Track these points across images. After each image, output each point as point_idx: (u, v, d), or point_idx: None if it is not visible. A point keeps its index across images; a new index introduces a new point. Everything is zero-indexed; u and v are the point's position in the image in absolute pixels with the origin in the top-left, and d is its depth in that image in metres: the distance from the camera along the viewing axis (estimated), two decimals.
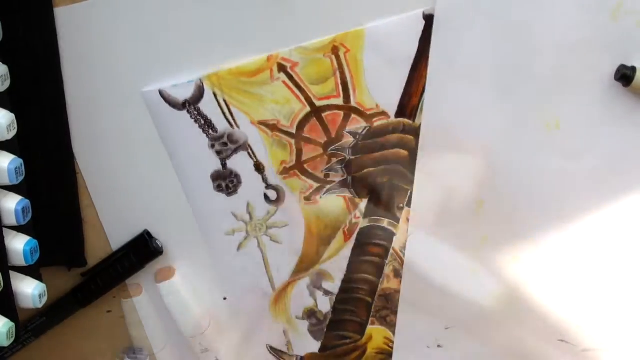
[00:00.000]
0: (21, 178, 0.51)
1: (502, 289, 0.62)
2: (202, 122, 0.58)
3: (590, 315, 0.62)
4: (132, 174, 0.60)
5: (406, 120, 0.57)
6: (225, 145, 0.59)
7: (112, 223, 0.62)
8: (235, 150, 0.59)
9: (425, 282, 0.62)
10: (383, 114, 0.57)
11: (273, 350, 0.66)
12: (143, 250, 0.61)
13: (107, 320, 0.66)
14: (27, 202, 0.52)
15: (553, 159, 0.57)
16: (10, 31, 0.52)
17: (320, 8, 0.54)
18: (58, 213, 0.60)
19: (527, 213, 0.59)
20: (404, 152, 0.58)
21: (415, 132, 0.57)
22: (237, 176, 0.60)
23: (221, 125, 0.58)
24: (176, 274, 0.63)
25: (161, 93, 0.57)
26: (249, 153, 0.59)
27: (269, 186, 0.60)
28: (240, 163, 0.59)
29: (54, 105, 0.57)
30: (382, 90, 0.56)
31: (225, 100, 0.57)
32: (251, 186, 0.60)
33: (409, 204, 0.60)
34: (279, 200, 0.60)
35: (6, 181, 0.50)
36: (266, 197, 0.60)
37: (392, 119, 0.57)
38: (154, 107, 0.57)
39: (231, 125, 0.58)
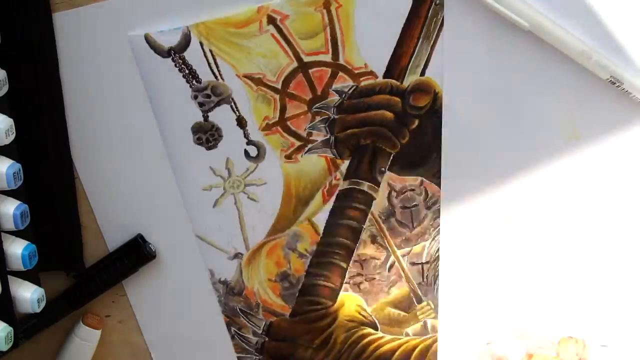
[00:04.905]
0: (19, 183, 0.51)
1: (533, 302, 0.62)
2: (186, 71, 0.57)
3: (621, 337, 0.62)
4: (131, 179, 0.60)
5: (394, 82, 0.57)
6: (209, 97, 0.58)
7: (110, 228, 0.62)
8: (218, 103, 0.58)
9: (462, 296, 0.62)
10: (371, 73, 0.56)
11: (243, 312, 0.65)
12: (136, 254, 0.61)
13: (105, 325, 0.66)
14: (25, 206, 0.52)
15: (575, 169, 0.57)
16: (9, 36, 0.53)
17: None
18: (56, 217, 0.60)
19: (554, 226, 0.59)
20: (389, 114, 0.58)
21: (403, 94, 0.57)
22: (218, 130, 0.59)
23: (205, 76, 0.57)
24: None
25: (146, 38, 0.56)
26: (231, 107, 0.58)
27: (250, 142, 0.59)
28: (222, 116, 0.58)
29: (52, 109, 0.57)
30: (371, 49, 0.56)
31: (211, 51, 0.56)
32: (232, 141, 0.59)
33: (390, 168, 0.59)
34: (259, 157, 0.59)
35: (4, 186, 0.51)
36: (246, 153, 0.59)
37: (380, 79, 0.57)
38: (138, 52, 0.56)
39: (215, 77, 0.57)
